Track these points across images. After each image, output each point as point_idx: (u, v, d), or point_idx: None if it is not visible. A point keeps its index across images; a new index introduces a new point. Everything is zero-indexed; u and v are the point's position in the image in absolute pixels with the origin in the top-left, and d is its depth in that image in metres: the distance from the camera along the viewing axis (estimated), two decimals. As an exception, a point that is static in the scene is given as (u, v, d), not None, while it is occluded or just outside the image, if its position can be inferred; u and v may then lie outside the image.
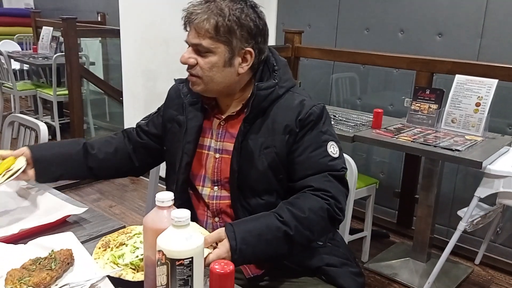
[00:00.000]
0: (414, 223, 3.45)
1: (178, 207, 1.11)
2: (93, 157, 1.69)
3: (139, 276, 1.25)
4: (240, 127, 1.51)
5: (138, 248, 1.36)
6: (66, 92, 5.16)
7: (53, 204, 1.68)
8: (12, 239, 1.42)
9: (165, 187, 1.72)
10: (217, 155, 1.58)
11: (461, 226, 2.56)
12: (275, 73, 1.53)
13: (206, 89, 1.50)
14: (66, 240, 1.40)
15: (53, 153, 1.66)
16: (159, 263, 1.04)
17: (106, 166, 1.72)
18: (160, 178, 2.09)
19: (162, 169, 1.93)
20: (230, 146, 1.54)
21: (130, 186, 4.41)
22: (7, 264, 1.29)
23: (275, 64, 1.55)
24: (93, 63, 5.82)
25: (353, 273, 1.60)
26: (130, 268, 1.29)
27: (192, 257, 1.02)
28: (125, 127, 2.00)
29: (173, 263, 1.01)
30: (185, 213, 1.04)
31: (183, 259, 1.01)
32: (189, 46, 1.48)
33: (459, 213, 2.67)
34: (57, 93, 5.34)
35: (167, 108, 1.70)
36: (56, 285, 1.23)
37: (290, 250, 1.38)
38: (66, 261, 1.27)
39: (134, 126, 1.80)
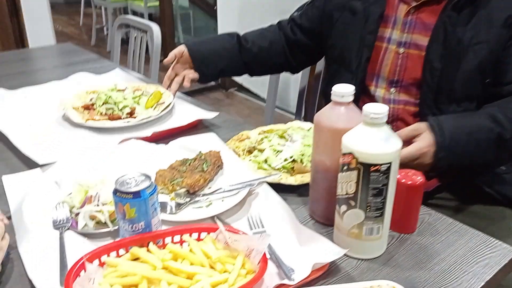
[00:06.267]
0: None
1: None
2: (247, 51, 1.56)
3: (301, 179, 1.11)
4: (442, 16, 1.23)
5: (280, 151, 1.20)
6: (157, 3, 5.03)
7: (184, 108, 1.57)
8: (145, 139, 1.32)
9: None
10: (401, 50, 1.31)
11: None
12: None
13: None
14: (210, 141, 1.28)
15: (210, 48, 1.54)
16: (345, 168, 0.86)
17: (261, 61, 1.58)
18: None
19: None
20: (422, 39, 1.27)
21: (225, 100, 4.31)
22: (152, 162, 1.20)
23: None
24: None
25: None
26: (284, 172, 1.15)
27: (390, 163, 0.83)
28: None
29: (366, 169, 0.83)
30: (383, 108, 0.83)
31: (380, 164, 0.83)
32: None
33: None
34: (148, 4, 5.22)
35: None
36: (209, 188, 1.12)
37: (498, 159, 1.16)
38: (217, 163, 1.15)
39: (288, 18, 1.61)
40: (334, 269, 0.90)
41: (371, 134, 0.84)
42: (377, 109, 0.82)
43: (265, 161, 1.17)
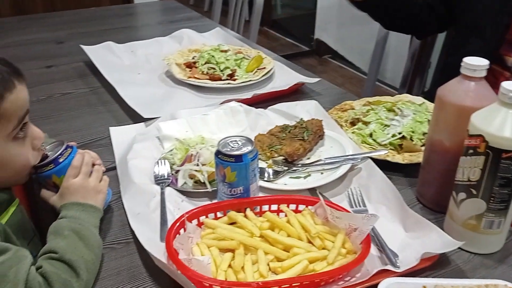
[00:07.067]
0: None
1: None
2: None
3: (409, 158, 1.02)
4: None
5: (387, 125, 1.12)
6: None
7: (285, 73, 1.52)
8: (245, 102, 1.29)
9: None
10: None
11: None
12: None
13: None
14: (311, 109, 1.22)
15: None
16: (470, 151, 0.77)
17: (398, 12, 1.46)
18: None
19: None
20: None
21: (318, 67, 4.20)
22: (251, 126, 1.17)
23: None
24: None
25: None
26: (391, 149, 1.07)
27: (527, 151, 0.73)
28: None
29: (497, 155, 0.73)
30: (525, 87, 0.72)
31: (515, 152, 0.72)
32: None
33: None
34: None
35: None
36: (308, 158, 1.07)
37: None
38: (318, 132, 1.09)
39: None
40: (444, 260, 0.82)
41: (508, 116, 0.73)
42: (518, 88, 0.71)
43: (370, 135, 1.10)
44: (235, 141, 0.88)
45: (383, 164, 1.01)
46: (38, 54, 1.73)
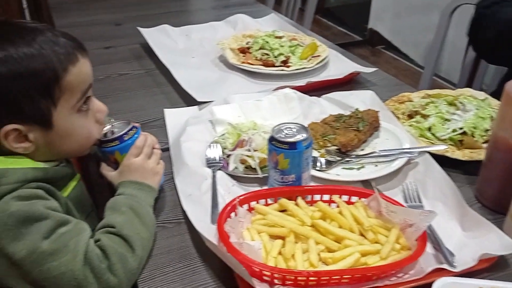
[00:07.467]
0: None
1: None
2: None
3: (470, 155, 0.98)
4: None
5: (448, 120, 1.07)
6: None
7: (339, 61, 1.49)
8: (298, 89, 1.27)
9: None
10: None
11: None
12: None
13: None
14: (367, 99, 1.19)
15: None
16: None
17: None
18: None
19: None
20: None
21: (370, 58, 4.10)
22: (304, 113, 1.16)
23: None
24: None
25: None
26: (450, 145, 1.02)
27: None
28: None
29: None
30: None
31: None
32: None
33: None
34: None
35: None
36: (362, 149, 1.05)
37: None
38: (374, 123, 1.06)
39: None
40: (502, 263, 0.78)
41: None
42: None
43: (429, 129, 1.06)
44: (290, 128, 0.87)
45: (441, 160, 0.97)
46: (97, 35, 1.78)
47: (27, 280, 0.69)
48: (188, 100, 1.25)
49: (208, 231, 0.78)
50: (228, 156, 1.00)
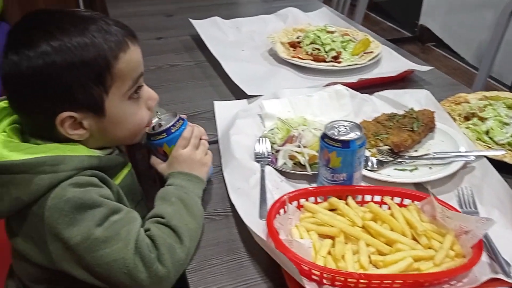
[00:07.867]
0: None
1: None
2: None
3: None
4: None
5: (507, 124, 1.02)
6: None
7: (393, 59, 1.45)
8: (349, 86, 1.25)
9: None
10: None
11: None
12: None
13: None
14: (422, 99, 1.16)
15: None
16: None
17: None
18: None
19: None
20: None
21: (419, 55, 3.97)
22: (356, 111, 1.13)
23: None
24: None
25: None
26: (509, 150, 0.98)
27: None
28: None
29: None
30: None
31: None
32: None
33: None
34: None
35: None
36: (415, 150, 1.02)
37: None
38: (429, 124, 1.03)
39: None
40: None
41: None
42: None
43: (487, 132, 1.01)
44: (343, 125, 0.85)
45: (498, 165, 0.93)
46: (149, 25, 1.80)
47: (80, 265, 0.71)
48: (237, 94, 1.25)
49: (257, 226, 0.78)
50: (277, 151, 0.99)
